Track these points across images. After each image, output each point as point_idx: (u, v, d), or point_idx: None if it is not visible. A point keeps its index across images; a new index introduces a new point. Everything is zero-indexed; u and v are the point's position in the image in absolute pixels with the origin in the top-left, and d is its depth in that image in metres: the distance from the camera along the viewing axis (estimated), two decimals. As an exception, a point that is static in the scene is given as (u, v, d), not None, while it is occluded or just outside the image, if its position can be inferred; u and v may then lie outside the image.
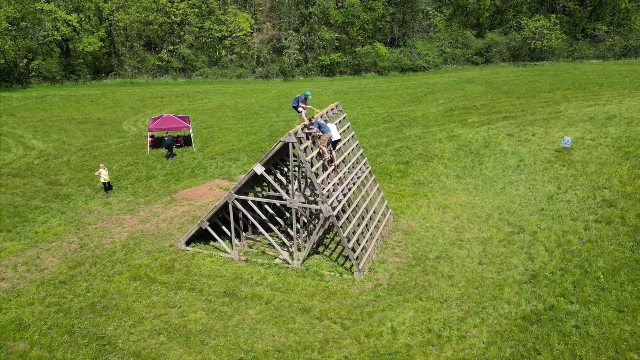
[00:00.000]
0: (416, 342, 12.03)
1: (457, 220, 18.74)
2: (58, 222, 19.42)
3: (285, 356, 11.68)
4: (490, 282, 14.52)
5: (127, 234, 18.42)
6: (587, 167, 23.82)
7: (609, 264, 15.14)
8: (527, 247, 16.47)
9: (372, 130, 32.45)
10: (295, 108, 16.37)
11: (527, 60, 62.14)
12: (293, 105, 16.43)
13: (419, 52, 56.83)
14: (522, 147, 27.70)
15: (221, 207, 16.27)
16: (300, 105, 16.03)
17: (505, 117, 34.91)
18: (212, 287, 14.66)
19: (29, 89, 51.11)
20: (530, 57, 62.17)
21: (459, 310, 13.26)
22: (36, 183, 23.62)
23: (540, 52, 61.58)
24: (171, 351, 11.88)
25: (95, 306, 13.83)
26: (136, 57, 55.30)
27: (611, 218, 18.21)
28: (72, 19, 48.96)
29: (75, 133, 32.78)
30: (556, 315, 12.80)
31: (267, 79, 53.89)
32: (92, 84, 52.94)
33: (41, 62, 52.95)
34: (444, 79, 52.57)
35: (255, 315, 13.25)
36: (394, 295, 14.06)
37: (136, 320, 13.09)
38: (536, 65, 61.04)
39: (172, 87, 51.25)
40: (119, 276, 15.38)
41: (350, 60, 54.36)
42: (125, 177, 24.30)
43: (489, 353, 11.57)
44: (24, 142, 30.69)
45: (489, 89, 46.32)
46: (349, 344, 12.04)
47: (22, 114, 39.13)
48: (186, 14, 51.33)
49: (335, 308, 13.49)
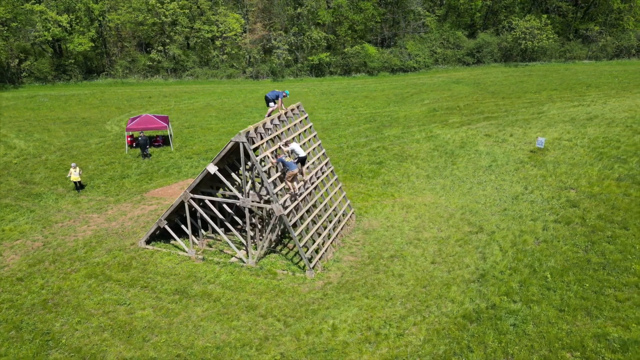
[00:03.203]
0: (354, 340, 12.19)
1: (418, 220, 18.88)
2: (25, 220, 19.68)
3: (224, 353, 11.87)
4: (439, 281, 14.65)
5: (91, 232, 18.66)
6: (558, 168, 23.88)
7: (559, 263, 15.24)
8: (482, 246, 16.60)
9: (352, 130, 32.59)
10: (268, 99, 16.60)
11: (518, 60, 62.06)
12: (270, 96, 16.64)
13: (409, 53, 56.92)
14: (498, 147, 27.78)
15: (180, 207, 16.48)
16: (275, 102, 16.37)
17: (487, 117, 34.97)
18: (165, 285, 14.87)
19: (20, 89, 51.51)
20: (522, 57, 62.09)
21: (403, 308, 13.41)
22: (11, 182, 23.91)
23: (532, 52, 61.50)
24: (112, 347, 12.09)
25: (47, 303, 14.06)
26: (127, 57, 55.63)
27: (571, 218, 18.28)
28: (62, 19, 49.32)
29: (58, 132, 33.09)
30: (496, 313, 12.92)
31: (257, 79, 54.12)
32: (83, 84, 53.31)
33: (33, 62, 53.34)
34: (433, 80, 52.62)
35: (202, 313, 13.44)
36: (342, 293, 14.22)
37: (83, 317, 13.31)
38: (527, 65, 60.96)
39: (162, 87, 51.55)
40: (75, 274, 15.60)
41: (339, 61, 54.51)
42: (100, 176, 24.56)
43: (422, 350, 11.72)
44: (6, 142, 31.01)
45: (476, 89, 46.36)
46: (287, 341, 12.21)
47: (9, 114, 39.49)
48: (176, 15, 51.59)
49: (282, 306, 13.67)
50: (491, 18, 66.62)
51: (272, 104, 16.75)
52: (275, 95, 16.73)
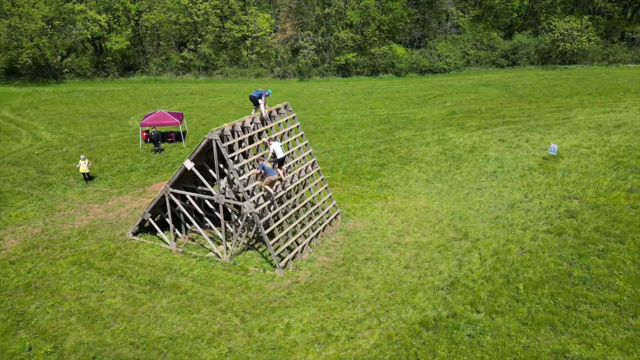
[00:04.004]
0: (304, 339, 12.22)
1: (404, 224, 18.59)
2: (32, 207, 20.89)
3: (175, 344, 12.21)
4: (407, 287, 14.41)
5: (88, 221, 19.58)
6: (567, 176, 22.82)
7: (537, 275, 14.61)
8: (462, 254, 16.16)
9: (364, 131, 32.40)
10: (254, 100, 16.93)
11: (557, 63, 59.48)
12: (254, 95, 16.96)
13: (439, 54, 55.76)
14: (510, 153, 26.84)
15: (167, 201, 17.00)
16: (260, 101, 16.66)
17: (507, 122, 33.83)
18: (140, 275, 15.42)
19: (61, 84, 54.46)
20: (561, 60, 59.47)
21: (362, 311, 13.30)
22: (29, 171, 25.41)
23: (572, 55, 58.79)
24: (74, 332, 12.69)
25: (29, 286, 14.91)
26: (162, 55, 57.63)
27: (565, 229, 17.45)
28: (101, 18, 51.71)
29: (83, 126, 34.79)
30: (455, 323, 12.58)
31: (284, 78, 54.66)
32: (119, 81, 55.66)
33: (74, 59, 56.25)
34: (461, 82, 51.34)
35: (166, 304, 13.86)
36: (306, 293, 14.26)
37: (57, 301, 14.04)
38: (566, 68, 58.31)
39: (191, 84, 53.05)
40: (62, 260, 16.45)
41: (366, 61, 54.15)
42: (110, 169, 25.67)
43: (369, 355, 11.60)
44: (35, 134, 32.94)
45: (504, 92, 44.87)
46: (239, 337, 12.41)
47: (45, 107, 41.89)
48: (208, 14, 52.94)
49: (243, 302, 13.88)
50: (530, 19, 64.21)
51: (260, 101, 17.01)
52: (259, 94, 16.97)
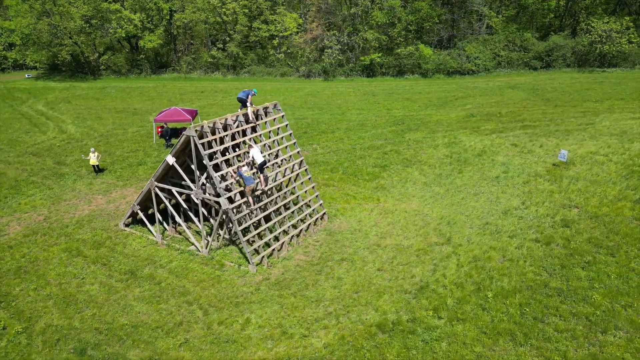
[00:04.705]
0: (258, 335, 12.41)
1: (390, 226, 18.43)
2: (41, 196, 22.10)
3: (137, 332, 12.68)
4: (374, 289, 14.33)
5: (89, 211, 20.53)
6: (573, 184, 21.89)
7: (511, 285, 14.17)
8: (439, 259, 15.87)
9: (374, 132, 32.21)
10: (242, 100, 17.30)
11: (595, 66, 56.86)
12: (242, 96, 17.34)
13: (467, 55, 54.50)
14: (519, 158, 25.99)
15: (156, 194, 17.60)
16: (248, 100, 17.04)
17: (525, 126, 32.73)
18: (122, 264, 16.06)
19: (97, 81, 57.07)
20: (600, 62, 56.82)
21: (323, 311, 13.34)
22: (47, 162, 26.86)
23: (612, 57, 56.04)
24: (47, 314, 13.41)
25: (20, 270, 15.84)
26: (192, 54, 59.29)
27: (554, 239, 16.81)
28: (135, 17, 53.78)
29: (107, 121, 36.36)
30: (413, 327, 12.42)
31: (308, 78, 55.01)
32: (151, 78, 57.73)
33: (110, 56, 58.78)
34: (489, 84, 49.99)
35: (139, 294, 14.39)
36: (274, 290, 14.44)
37: (40, 285, 14.85)
38: (604, 72, 55.62)
39: (218, 82, 54.30)
40: (55, 247, 17.35)
41: (392, 62, 53.67)
42: (121, 162, 26.75)
43: (318, 354, 11.65)
44: (61, 127, 34.73)
45: (531, 95, 43.37)
46: (198, 328, 12.74)
47: (77, 102, 44.03)
48: (236, 14, 54.01)
49: (211, 295, 14.22)
50: (568, 19, 61.70)
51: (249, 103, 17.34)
52: (246, 95, 17.26)
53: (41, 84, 55.98)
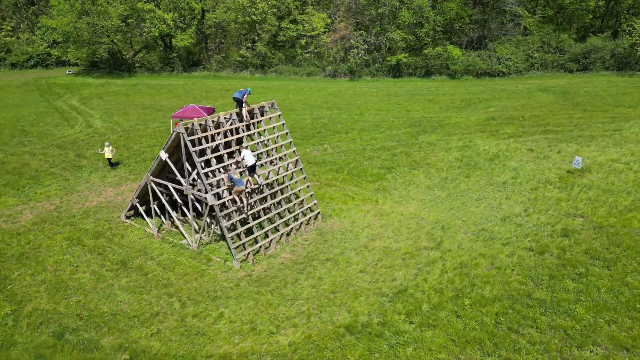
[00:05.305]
0: (228, 329, 12.66)
1: (382, 228, 18.30)
2: (56, 187, 23.24)
3: (115, 320, 13.20)
4: (352, 290, 14.30)
5: (97, 202, 21.43)
6: (584, 193, 21.00)
7: (492, 293, 13.81)
8: (425, 263, 15.65)
9: (388, 133, 31.93)
10: (238, 99, 17.67)
11: (637, 69, 54.06)
12: (237, 96, 17.72)
13: (498, 56, 53.02)
14: (533, 164, 25.14)
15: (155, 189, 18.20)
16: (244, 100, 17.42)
17: (547, 130, 31.59)
18: (116, 255, 16.71)
19: (132, 78, 59.14)
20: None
21: (296, 309, 13.45)
22: (69, 154, 28.18)
23: (656, 60, 53.11)
24: (37, 299, 14.16)
25: (22, 256, 16.76)
26: (221, 52, 60.51)
27: (549, 249, 16.22)
28: (168, 17, 55.43)
29: (132, 116, 37.71)
30: (381, 331, 12.34)
31: (334, 77, 55.03)
32: (182, 76, 59.30)
33: (144, 54, 60.82)
34: (518, 86, 48.46)
35: (125, 283, 14.95)
36: (253, 286, 14.67)
37: (37, 271, 15.68)
38: (647, 75, 52.81)
39: (246, 81, 55.13)
40: (59, 235, 18.24)
41: (419, 62, 52.92)
42: (136, 157, 27.73)
43: (282, 351, 11.77)
44: (89, 121, 36.31)
45: (560, 99, 41.75)
46: (172, 320, 13.13)
47: (109, 98, 45.86)
48: (265, 14, 54.71)
49: (192, 288, 14.60)
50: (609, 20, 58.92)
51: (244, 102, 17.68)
52: (242, 95, 17.56)
53: (80, 80, 58.58)
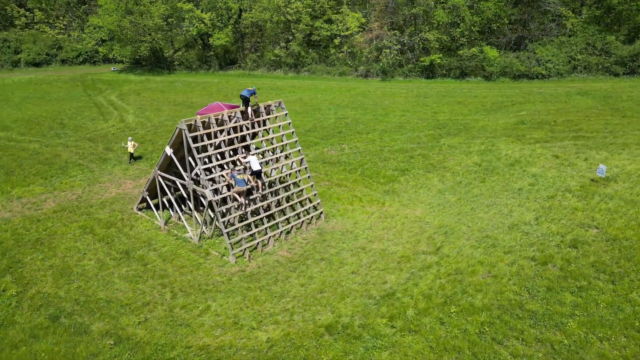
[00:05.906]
0: (212, 322, 12.97)
1: (383, 231, 18.15)
2: (81, 178, 24.44)
3: (108, 307, 13.80)
4: (341, 290, 14.30)
5: (115, 194, 22.40)
6: (604, 203, 19.98)
7: (483, 302, 13.42)
8: (419, 268, 15.40)
9: (410, 135, 31.50)
10: (244, 97, 18.09)
11: (691, 74, 50.68)
12: (245, 94, 18.14)
13: (537, 58, 51.07)
14: (556, 171, 24.14)
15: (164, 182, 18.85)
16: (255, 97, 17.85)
17: (578, 136, 30.20)
18: (122, 245, 17.44)
19: (171, 75, 61.17)
20: (697, 70, 50.54)
21: (282, 307, 13.59)
22: (98, 147, 29.56)
23: None
24: (42, 282, 15.00)
25: (38, 241, 17.78)
26: (257, 51, 61.51)
27: (553, 259, 15.56)
28: (205, 17, 56.94)
29: (163, 112, 39.04)
30: (360, 333, 12.27)
31: (366, 77, 54.76)
32: (217, 74, 60.74)
33: (184, 52, 62.74)
34: (557, 89, 46.49)
35: (124, 272, 15.59)
36: (244, 282, 14.93)
37: (47, 256, 16.59)
38: (702, 80, 49.38)
39: (278, 80, 55.85)
40: (74, 224, 19.22)
41: (454, 63, 51.78)
42: (160, 151, 28.65)
43: (259, 347, 11.95)
44: (122, 116, 37.89)
45: (599, 103, 39.74)
46: (161, 310, 13.59)
47: (145, 94, 47.66)
48: (300, 14, 55.17)
49: (185, 281, 15.04)
50: (663, 21, 55.39)
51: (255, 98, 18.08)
52: (250, 94, 17.91)
53: (122, 76, 61.14)
